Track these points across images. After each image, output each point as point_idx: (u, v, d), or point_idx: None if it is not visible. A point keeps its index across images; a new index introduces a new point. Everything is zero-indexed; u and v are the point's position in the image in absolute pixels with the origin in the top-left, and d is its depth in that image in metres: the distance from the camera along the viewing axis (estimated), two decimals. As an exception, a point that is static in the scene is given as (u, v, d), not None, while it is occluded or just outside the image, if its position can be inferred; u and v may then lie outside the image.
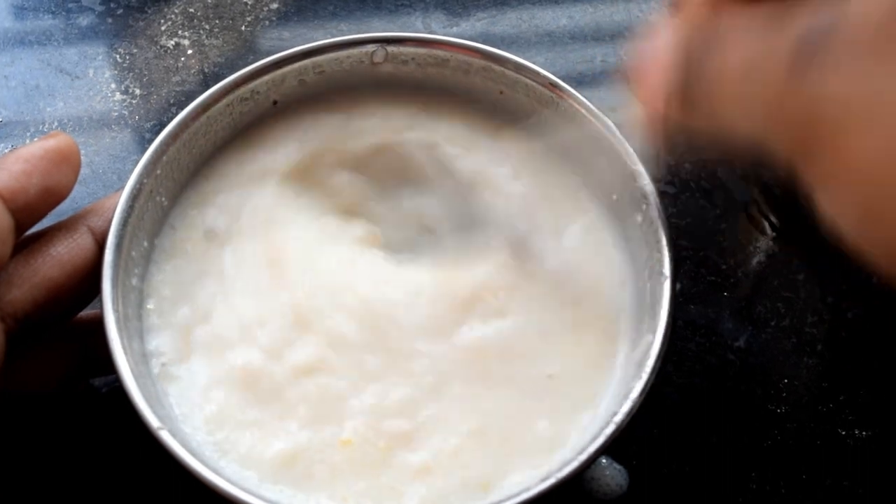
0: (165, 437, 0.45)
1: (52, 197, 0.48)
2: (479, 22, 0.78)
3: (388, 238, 0.58)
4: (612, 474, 0.56)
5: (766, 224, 0.66)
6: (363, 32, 0.62)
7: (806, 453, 0.58)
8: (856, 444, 0.58)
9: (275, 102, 0.59)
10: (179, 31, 0.76)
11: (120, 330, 0.48)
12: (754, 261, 0.65)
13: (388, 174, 0.59)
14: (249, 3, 0.79)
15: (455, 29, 0.78)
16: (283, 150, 0.58)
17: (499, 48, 0.58)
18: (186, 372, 0.52)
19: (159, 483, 0.52)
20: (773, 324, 0.62)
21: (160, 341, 0.52)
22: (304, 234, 0.56)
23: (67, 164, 0.48)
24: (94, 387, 0.57)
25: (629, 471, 0.56)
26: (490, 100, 0.60)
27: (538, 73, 0.57)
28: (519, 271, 0.55)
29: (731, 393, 0.60)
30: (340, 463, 0.49)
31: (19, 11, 0.78)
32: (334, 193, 0.58)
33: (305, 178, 0.58)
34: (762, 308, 0.63)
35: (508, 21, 0.79)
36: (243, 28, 0.77)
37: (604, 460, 0.56)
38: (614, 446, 0.46)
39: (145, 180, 0.53)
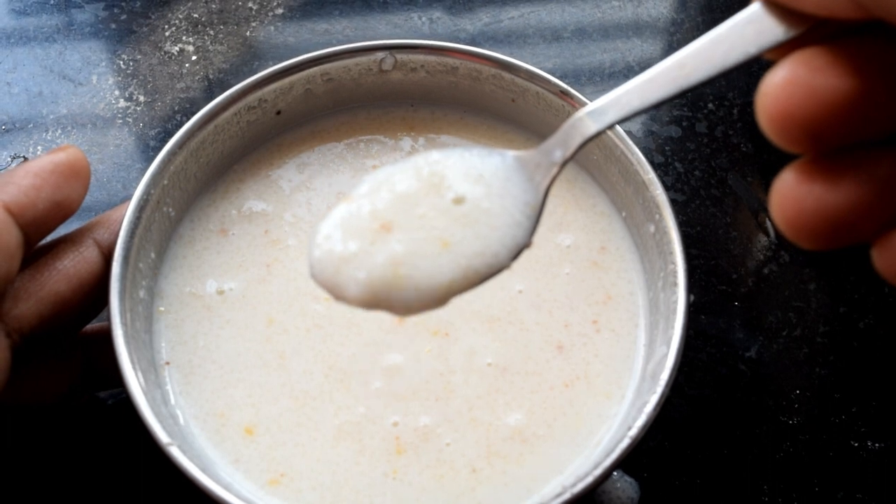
0: (175, 453, 0.45)
1: (61, 211, 0.47)
2: (482, 21, 0.78)
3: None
4: (624, 487, 0.56)
5: (776, 232, 0.66)
6: (369, 34, 0.61)
7: (818, 465, 0.57)
8: (869, 456, 0.58)
9: (278, 112, 0.58)
10: (184, 37, 0.76)
11: (128, 343, 0.48)
12: (765, 270, 0.64)
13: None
14: (254, 8, 0.78)
15: (459, 28, 0.77)
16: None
17: (503, 47, 0.58)
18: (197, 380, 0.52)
19: (166, 496, 0.52)
20: (784, 334, 0.62)
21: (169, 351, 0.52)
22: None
23: (77, 179, 0.48)
24: (100, 399, 0.57)
25: (640, 483, 0.56)
26: (500, 108, 0.60)
27: (549, 81, 0.56)
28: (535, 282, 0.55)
29: (743, 404, 0.59)
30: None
31: (21, 16, 0.78)
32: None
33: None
34: (773, 318, 0.62)
35: (512, 20, 0.78)
36: (248, 34, 0.76)
37: (615, 473, 0.56)
38: (626, 458, 0.45)
39: (152, 191, 0.53)
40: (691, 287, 0.63)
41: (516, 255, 0.39)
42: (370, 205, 0.39)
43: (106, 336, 0.48)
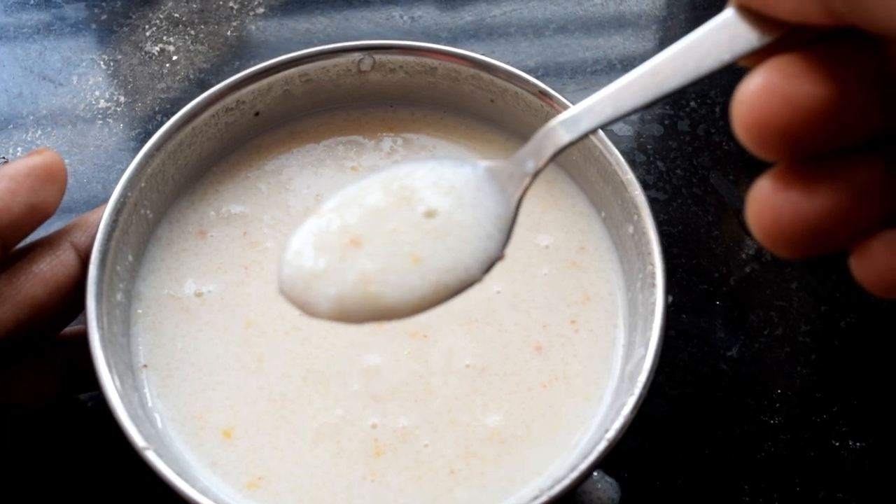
0: (151, 457, 0.44)
1: (37, 215, 0.47)
2: (464, 20, 0.77)
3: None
4: (604, 487, 0.56)
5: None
6: (350, 33, 0.61)
7: (799, 465, 0.57)
8: (850, 456, 0.58)
9: (257, 114, 0.58)
10: (164, 37, 0.76)
11: (105, 347, 0.48)
12: (747, 269, 0.64)
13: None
14: (235, 7, 0.78)
15: (441, 26, 0.77)
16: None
17: (485, 45, 0.58)
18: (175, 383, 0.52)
19: (144, 499, 0.52)
20: (765, 333, 0.62)
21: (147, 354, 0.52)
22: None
23: (53, 182, 0.47)
24: (80, 400, 0.57)
25: (621, 483, 0.56)
26: (480, 108, 0.60)
27: (528, 82, 0.56)
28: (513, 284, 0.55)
29: (724, 404, 0.59)
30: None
31: (1, 16, 0.77)
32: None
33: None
34: (755, 317, 0.62)
35: (495, 18, 0.78)
36: (229, 33, 0.76)
37: (595, 473, 0.56)
38: (605, 459, 0.45)
39: (129, 193, 0.52)
40: (672, 286, 0.63)
41: (488, 268, 0.39)
42: (339, 219, 0.39)
43: (84, 339, 0.48)
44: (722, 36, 0.31)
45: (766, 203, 0.31)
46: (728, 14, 0.31)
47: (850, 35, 0.29)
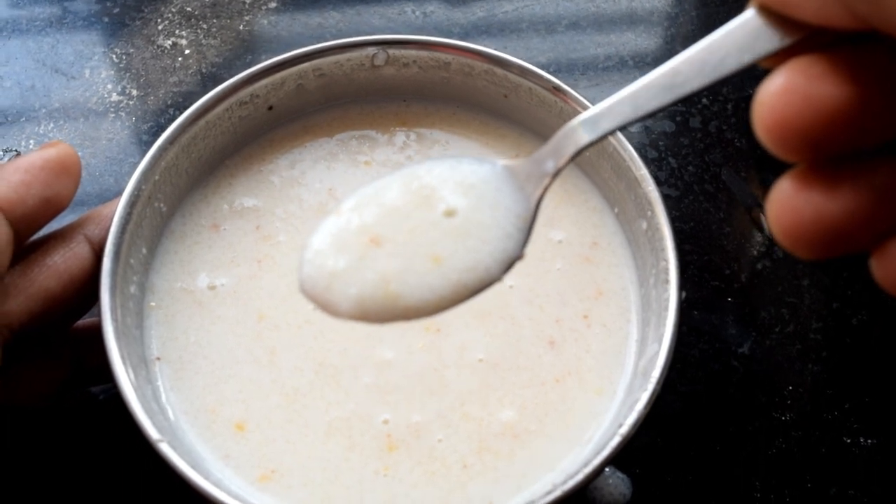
0: (165, 449, 0.45)
1: (51, 208, 0.47)
2: (476, 15, 0.77)
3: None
4: (616, 483, 0.56)
5: (769, 228, 0.66)
6: (362, 28, 0.60)
7: (811, 462, 0.57)
8: (861, 453, 0.58)
9: (270, 108, 0.58)
10: (177, 31, 0.76)
11: (119, 339, 0.48)
12: (758, 265, 0.64)
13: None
14: (247, 1, 0.78)
15: (453, 22, 0.77)
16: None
17: (496, 41, 0.57)
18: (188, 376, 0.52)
19: (157, 491, 0.52)
20: (777, 330, 0.62)
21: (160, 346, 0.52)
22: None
23: (67, 175, 0.47)
24: (92, 393, 0.57)
25: (632, 479, 0.56)
26: (493, 104, 0.59)
27: (541, 77, 0.56)
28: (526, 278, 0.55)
29: (735, 400, 0.59)
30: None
31: (13, 9, 0.77)
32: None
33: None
34: (766, 314, 0.62)
35: (506, 14, 0.78)
36: (241, 27, 0.76)
37: (607, 469, 0.56)
38: (617, 455, 0.45)
39: (143, 186, 0.52)
40: (684, 283, 0.63)
41: (508, 267, 0.39)
42: (359, 218, 0.39)
43: (96, 332, 0.48)
44: (742, 37, 0.31)
45: (787, 204, 0.31)
46: (749, 15, 0.31)
47: (871, 38, 0.29)
